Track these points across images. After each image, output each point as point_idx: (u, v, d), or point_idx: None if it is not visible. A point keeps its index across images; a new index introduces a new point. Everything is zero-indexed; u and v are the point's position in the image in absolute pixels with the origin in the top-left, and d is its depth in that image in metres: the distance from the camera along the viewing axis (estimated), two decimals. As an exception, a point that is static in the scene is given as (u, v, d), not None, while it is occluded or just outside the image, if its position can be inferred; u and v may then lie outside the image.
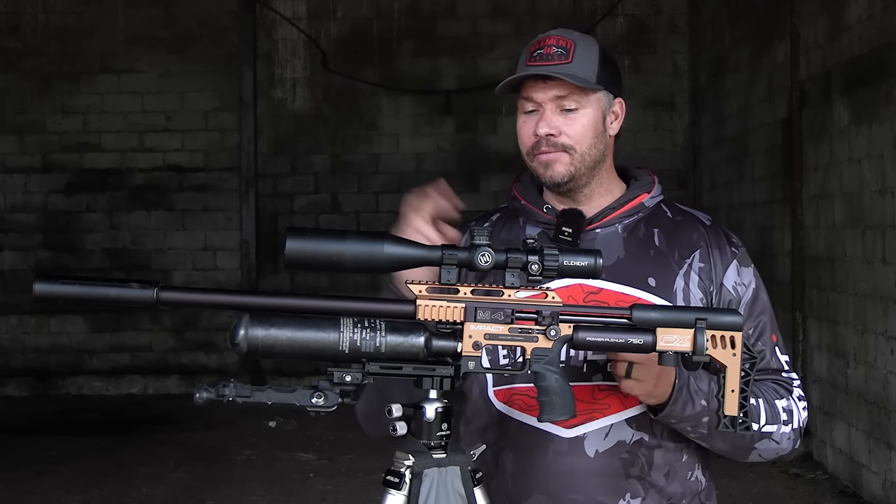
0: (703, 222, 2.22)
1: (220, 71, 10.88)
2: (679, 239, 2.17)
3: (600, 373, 2.08)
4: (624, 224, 2.17)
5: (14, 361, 10.75)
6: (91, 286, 1.68)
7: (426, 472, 1.78)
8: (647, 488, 2.09)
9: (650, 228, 2.18)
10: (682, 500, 2.14)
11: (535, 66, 2.09)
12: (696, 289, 2.14)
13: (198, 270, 10.94)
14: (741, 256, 2.19)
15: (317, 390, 1.73)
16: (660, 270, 2.13)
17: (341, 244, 1.72)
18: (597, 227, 2.16)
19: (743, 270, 2.18)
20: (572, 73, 2.08)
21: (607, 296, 2.08)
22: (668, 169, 10.88)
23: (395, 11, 10.93)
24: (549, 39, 2.11)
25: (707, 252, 2.16)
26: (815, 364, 7.26)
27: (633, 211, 2.18)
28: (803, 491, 6.77)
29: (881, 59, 6.01)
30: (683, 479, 2.14)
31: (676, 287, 2.13)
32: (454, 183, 2.24)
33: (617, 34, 10.91)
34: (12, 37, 10.78)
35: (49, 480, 7.14)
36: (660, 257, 2.15)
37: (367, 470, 6.84)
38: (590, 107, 2.12)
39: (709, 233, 2.19)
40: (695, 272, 2.15)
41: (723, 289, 2.15)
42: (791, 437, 2.13)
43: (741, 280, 2.16)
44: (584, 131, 2.12)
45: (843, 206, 6.66)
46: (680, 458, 2.13)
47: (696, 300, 2.13)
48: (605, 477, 2.07)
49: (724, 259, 2.16)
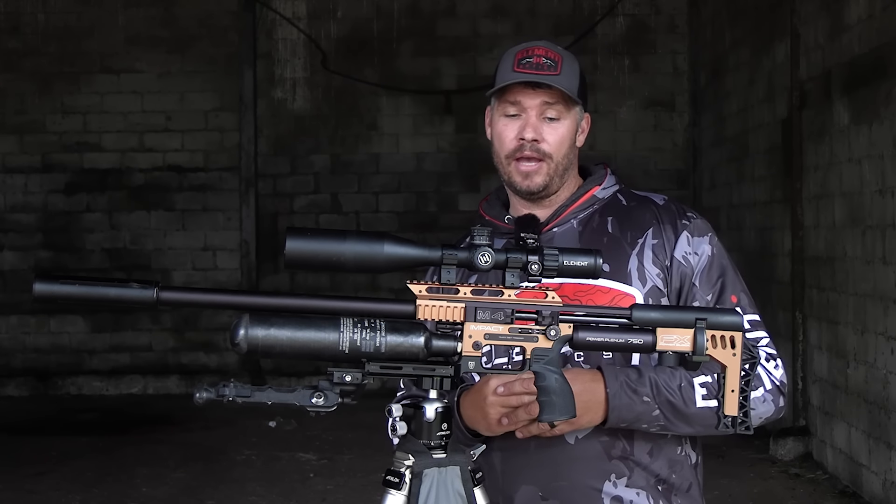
0: (656, 202, 2.26)
1: (220, 71, 10.88)
2: (631, 222, 2.21)
3: (568, 363, 2.11)
4: (579, 218, 2.23)
5: (14, 361, 10.75)
6: (91, 286, 1.68)
7: (426, 472, 1.79)
8: (631, 467, 2.13)
9: (604, 218, 2.23)
10: (672, 475, 2.16)
11: (526, 73, 2.15)
12: (652, 265, 2.17)
13: (198, 270, 10.94)
14: (694, 227, 2.21)
15: (317, 390, 1.73)
16: (613, 255, 2.15)
17: (341, 244, 1.72)
18: (553, 226, 2.21)
19: (695, 240, 2.20)
20: (561, 84, 2.14)
21: (565, 289, 2.09)
22: (668, 169, 10.89)
23: (395, 11, 10.93)
24: (537, 49, 2.17)
25: (659, 228, 2.20)
26: (815, 364, 7.26)
27: (587, 204, 2.23)
28: (803, 491, 6.76)
29: (881, 59, 6.01)
30: (671, 454, 2.16)
31: (630, 267, 2.16)
32: (454, 183, 2.25)
33: (617, 34, 10.91)
34: (12, 37, 10.78)
35: (49, 480, 7.14)
36: (612, 242, 2.18)
37: (367, 470, 6.84)
38: (569, 118, 2.19)
39: (660, 210, 2.23)
40: (648, 250, 2.18)
41: (674, 260, 2.18)
42: (768, 399, 2.10)
43: (692, 249, 2.19)
44: (563, 141, 2.18)
45: (843, 206, 6.66)
46: (664, 436, 2.14)
47: (654, 276, 2.16)
48: (587, 461, 2.11)
49: (675, 232, 2.20)
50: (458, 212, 10.77)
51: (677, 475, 2.17)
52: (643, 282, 2.15)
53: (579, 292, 2.11)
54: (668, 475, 2.16)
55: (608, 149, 10.35)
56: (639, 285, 2.14)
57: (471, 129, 10.84)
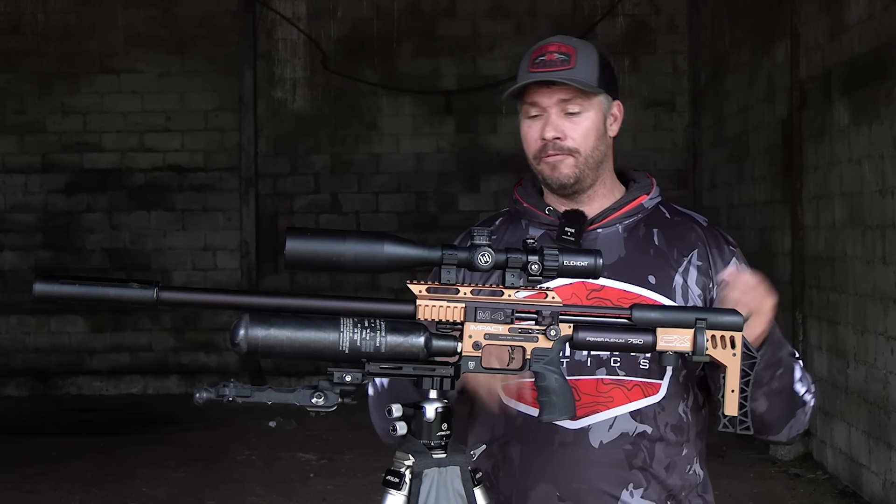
0: (700, 223, 2.28)
1: (220, 71, 10.88)
2: (677, 239, 2.23)
3: (604, 367, 2.13)
4: (624, 224, 2.22)
5: (14, 361, 10.75)
6: (91, 286, 1.68)
7: (426, 472, 1.79)
8: (648, 479, 2.14)
9: (649, 228, 2.23)
10: (682, 492, 2.18)
11: (539, 72, 2.14)
12: (695, 286, 2.19)
13: (198, 270, 10.94)
14: (739, 255, 2.25)
15: (317, 390, 1.73)
16: (659, 268, 2.18)
17: (341, 244, 1.72)
18: (598, 227, 2.21)
19: (741, 268, 2.22)
20: (575, 77, 2.13)
21: (609, 293, 2.13)
22: (668, 169, 10.88)
23: (395, 11, 10.93)
24: (550, 46, 2.16)
25: (706, 251, 2.22)
26: (815, 364, 7.26)
27: (633, 212, 2.23)
28: (803, 491, 6.76)
29: (881, 59, 6.01)
30: (682, 472, 2.18)
31: (675, 284, 2.17)
32: (454, 183, 2.25)
33: (617, 34, 10.91)
34: (12, 37, 10.78)
35: (49, 480, 7.14)
36: (659, 256, 2.20)
37: (367, 470, 6.84)
38: (592, 110, 2.18)
39: (706, 233, 2.25)
40: (693, 269, 2.20)
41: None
42: (809, 414, 2.20)
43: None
44: (588, 134, 2.17)
45: (843, 206, 6.66)
46: (680, 452, 2.17)
47: (695, 296, 2.18)
48: (608, 467, 2.12)
49: (723, 257, 2.22)
50: (458, 212, 10.77)
51: (686, 493, 2.18)
52: (686, 300, 2.17)
53: (623, 299, 2.11)
54: (679, 492, 2.17)
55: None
56: (682, 302, 2.16)
57: (471, 130, 10.85)
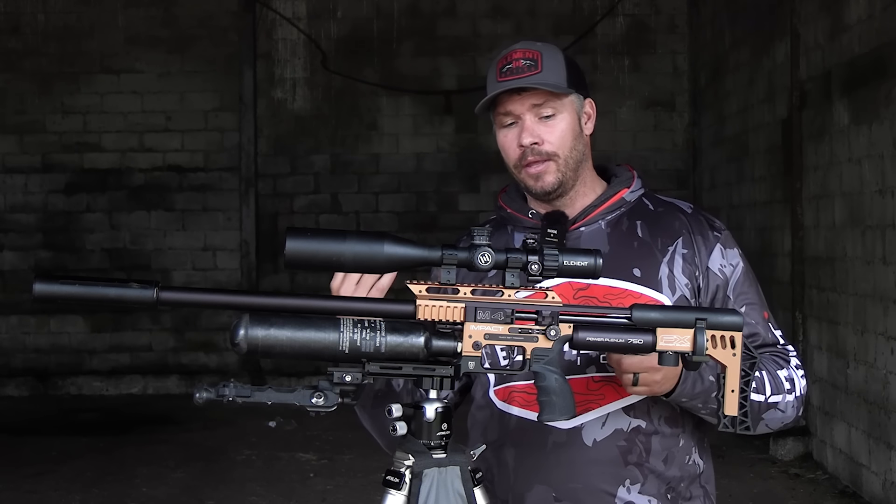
0: (685, 210, 2.27)
1: (220, 71, 10.88)
2: (661, 228, 2.22)
3: (594, 364, 2.12)
4: (607, 220, 2.22)
5: (14, 361, 10.75)
6: (91, 286, 1.68)
7: (426, 472, 1.79)
8: (645, 474, 2.13)
9: (633, 221, 2.22)
10: (682, 483, 2.17)
11: (508, 80, 2.14)
12: (682, 275, 2.18)
13: (198, 270, 10.94)
14: (724, 239, 2.23)
15: (317, 390, 1.73)
16: (644, 260, 2.17)
17: (341, 244, 1.72)
18: (580, 225, 2.21)
19: (728, 252, 2.22)
20: (545, 81, 2.13)
21: (595, 290, 2.12)
22: (668, 169, 10.89)
23: (395, 11, 10.93)
24: (515, 53, 2.16)
25: (690, 238, 2.21)
26: (815, 364, 7.26)
27: (615, 206, 2.23)
28: (803, 491, 6.76)
29: (881, 59, 6.01)
30: (682, 463, 2.17)
31: (661, 275, 2.17)
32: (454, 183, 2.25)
33: (617, 34, 10.91)
34: (12, 37, 10.78)
35: (49, 480, 7.14)
36: (643, 248, 2.19)
37: (367, 470, 6.84)
38: (565, 111, 2.18)
39: (690, 220, 2.24)
40: (678, 258, 2.19)
41: (709, 272, 2.19)
42: (794, 406, 2.16)
43: (727, 261, 2.21)
44: (564, 135, 2.17)
45: (843, 206, 6.66)
46: (677, 444, 2.17)
47: (682, 286, 2.17)
48: (603, 465, 2.11)
49: (707, 244, 2.21)
50: (458, 212, 10.77)
51: (686, 483, 2.18)
52: (673, 290, 2.16)
53: (609, 295, 2.11)
54: (678, 483, 2.17)
55: (608, 149, 10.34)
56: (668, 293, 2.15)
57: (471, 130, 10.84)
